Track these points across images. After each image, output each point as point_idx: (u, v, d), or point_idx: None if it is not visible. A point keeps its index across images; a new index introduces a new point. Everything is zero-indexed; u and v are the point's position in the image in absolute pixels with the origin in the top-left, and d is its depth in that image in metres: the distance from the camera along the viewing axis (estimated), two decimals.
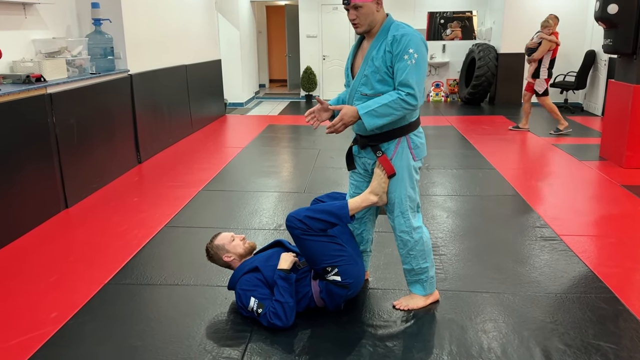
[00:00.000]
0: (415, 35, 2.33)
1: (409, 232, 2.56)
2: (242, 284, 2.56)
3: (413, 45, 2.30)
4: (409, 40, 2.30)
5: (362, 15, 2.38)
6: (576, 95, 9.64)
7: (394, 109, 2.32)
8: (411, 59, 2.29)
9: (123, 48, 5.33)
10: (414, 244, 2.57)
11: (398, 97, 2.31)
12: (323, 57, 11.25)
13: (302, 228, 2.44)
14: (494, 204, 4.34)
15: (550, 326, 2.53)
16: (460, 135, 7.18)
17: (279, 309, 2.45)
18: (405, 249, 2.60)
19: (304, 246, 2.49)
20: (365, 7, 2.37)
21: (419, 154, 2.53)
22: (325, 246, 2.47)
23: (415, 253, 2.59)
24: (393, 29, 2.37)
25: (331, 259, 2.48)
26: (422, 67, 2.33)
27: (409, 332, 2.50)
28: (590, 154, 5.97)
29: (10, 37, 4.16)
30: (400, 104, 2.32)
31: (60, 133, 4.15)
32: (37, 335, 2.47)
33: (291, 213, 2.50)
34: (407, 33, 2.32)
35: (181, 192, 4.66)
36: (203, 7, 7.97)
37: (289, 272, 2.54)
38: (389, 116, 2.34)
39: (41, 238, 3.67)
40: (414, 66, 2.30)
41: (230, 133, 7.79)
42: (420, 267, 2.62)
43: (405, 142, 2.48)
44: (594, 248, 3.46)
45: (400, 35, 2.31)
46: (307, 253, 2.50)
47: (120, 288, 2.95)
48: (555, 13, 9.56)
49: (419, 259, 2.61)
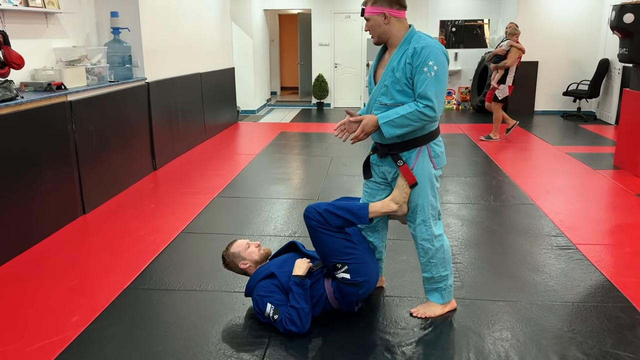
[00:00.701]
0: (436, 47, 2.36)
1: (430, 240, 2.58)
2: (259, 291, 2.59)
3: (433, 57, 2.33)
4: (429, 52, 2.33)
5: (371, 27, 2.48)
6: (589, 104, 9.60)
7: (411, 120, 2.36)
8: (430, 71, 2.32)
9: (141, 56, 5.41)
10: (435, 251, 2.59)
11: (416, 109, 2.35)
12: (335, 65, 11.31)
13: (319, 220, 2.49)
14: (509, 212, 4.34)
15: (568, 335, 2.53)
16: (472, 143, 7.18)
17: (294, 315, 2.48)
18: (426, 257, 2.62)
19: (317, 239, 2.53)
20: (372, 20, 2.45)
21: (439, 163, 2.56)
22: (338, 242, 2.51)
23: (436, 261, 2.61)
24: (414, 40, 2.40)
25: (342, 256, 2.52)
26: (441, 79, 2.36)
27: (427, 339, 2.52)
28: (605, 163, 5.95)
29: (33, 45, 4.25)
30: (419, 116, 2.36)
31: (79, 140, 4.22)
32: (58, 339, 2.52)
33: (311, 204, 2.56)
34: (428, 45, 2.35)
35: (196, 199, 4.70)
36: (218, 16, 8.07)
37: (304, 278, 2.56)
38: (407, 127, 2.38)
39: (60, 243, 3.73)
40: (433, 78, 2.33)
41: (243, 140, 7.85)
42: (440, 275, 2.64)
43: (425, 151, 2.51)
44: (610, 257, 3.45)
45: (420, 48, 2.35)
46: (320, 246, 2.55)
47: (140, 293, 2.99)
48: (569, 21, 9.61)
49: (439, 267, 2.62)
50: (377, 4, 2.42)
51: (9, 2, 3.90)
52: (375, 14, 2.42)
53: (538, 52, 9.77)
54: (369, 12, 2.45)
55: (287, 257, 2.72)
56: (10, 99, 3.49)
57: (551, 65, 9.80)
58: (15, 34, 3.91)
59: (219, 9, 8.11)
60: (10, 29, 3.87)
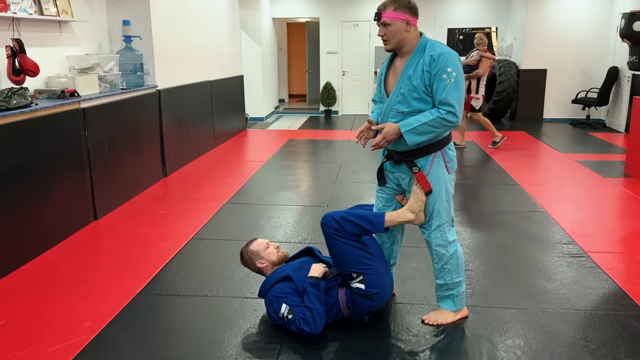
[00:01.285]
0: (453, 54, 2.39)
1: (444, 245, 2.59)
2: (275, 292, 2.60)
3: (451, 64, 2.35)
4: (446, 59, 2.35)
5: (390, 33, 2.45)
6: (598, 112, 9.57)
7: (434, 127, 2.38)
8: (450, 78, 2.34)
9: (152, 64, 5.47)
10: (449, 257, 2.59)
11: (438, 116, 2.37)
12: (343, 72, 11.35)
13: (335, 228, 2.49)
14: (519, 219, 4.33)
15: (581, 343, 2.52)
16: (481, 150, 7.17)
17: (307, 315, 2.48)
18: (440, 263, 2.62)
19: (333, 247, 2.53)
20: (393, 26, 2.43)
21: (452, 167, 2.58)
22: (354, 251, 2.51)
23: (449, 267, 2.61)
24: (429, 48, 2.41)
25: (358, 266, 2.52)
26: (460, 85, 2.38)
27: (439, 346, 2.51)
28: (615, 171, 5.92)
29: (47, 53, 4.30)
30: (441, 122, 2.37)
31: (91, 146, 4.26)
32: (72, 343, 2.53)
33: (328, 212, 2.57)
34: (444, 52, 2.37)
35: (206, 205, 4.73)
36: (227, 24, 8.13)
37: (319, 280, 2.57)
38: (429, 133, 2.40)
39: (72, 249, 3.76)
40: (453, 85, 2.35)
41: (252, 147, 7.89)
42: (453, 282, 2.63)
43: (440, 157, 2.52)
44: (622, 265, 3.43)
45: (437, 55, 2.36)
46: (336, 254, 2.55)
47: (151, 298, 3.01)
48: (577, 29, 9.60)
49: (452, 274, 2.62)
50: (400, 10, 2.41)
51: (24, 11, 3.96)
52: (399, 19, 2.42)
53: (546, 59, 9.78)
54: (391, 17, 2.42)
55: (303, 261, 2.74)
56: (25, 105, 3.54)
57: (560, 73, 9.79)
58: (29, 42, 3.97)
59: (228, 17, 8.18)
60: (25, 37, 3.93)
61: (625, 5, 8.58)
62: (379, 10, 2.45)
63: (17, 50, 3.77)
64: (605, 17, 9.41)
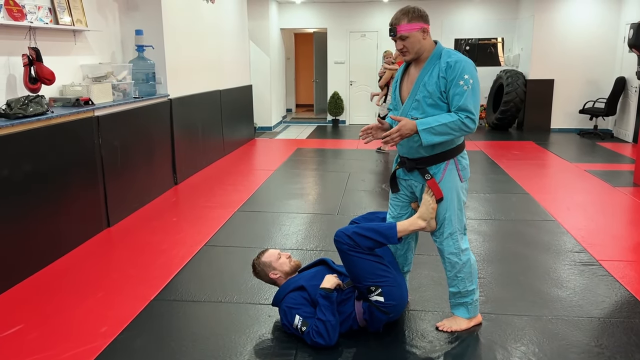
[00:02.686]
0: (468, 62, 2.42)
1: (457, 253, 2.60)
2: (288, 302, 2.61)
3: (468, 71, 2.38)
4: (463, 66, 2.38)
5: (410, 44, 2.47)
6: (606, 122, 9.58)
7: (452, 129, 2.40)
8: (467, 84, 2.37)
9: (164, 73, 5.53)
10: (462, 265, 2.60)
11: (458, 119, 2.39)
12: (350, 82, 11.42)
13: (349, 244, 2.50)
14: (530, 228, 4.34)
15: (596, 350, 2.52)
16: (490, 160, 7.19)
17: (321, 327, 2.49)
18: (453, 271, 2.63)
19: (349, 262, 2.54)
20: (411, 37, 2.46)
21: (465, 175, 2.59)
22: (371, 265, 2.52)
23: (462, 275, 2.62)
24: (445, 55, 2.45)
25: (376, 279, 2.53)
26: (477, 92, 2.41)
27: (454, 353, 2.52)
28: (624, 180, 5.92)
29: (61, 62, 4.37)
30: (460, 126, 2.40)
31: (105, 154, 4.31)
32: (89, 348, 2.56)
33: (340, 229, 2.58)
34: (460, 59, 2.41)
35: (217, 213, 4.76)
36: (237, 35, 8.22)
37: (331, 292, 2.58)
38: (446, 135, 2.41)
39: (86, 256, 3.79)
40: (470, 91, 2.38)
41: (261, 156, 7.93)
42: (466, 290, 2.64)
43: (453, 165, 2.54)
44: (634, 273, 3.43)
45: (454, 62, 2.39)
46: (353, 270, 2.55)
47: (166, 304, 3.03)
48: (585, 39, 9.65)
49: (465, 282, 2.63)
50: (415, 21, 2.45)
51: (41, 20, 4.03)
52: (415, 30, 2.45)
53: (554, 70, 9.81)
54: (407, 30, 2.44)
55: (317, 271, 2.75)
56: (41, 113, 3.59)
57: (567, 83, 9.82)
58: (45, 51, 4.03)
59: (238, 28, 8.26)
60: (40, 45, 3.99)
61: (633, 16, 8.62)
62: (394, 26, 2.47)
63: (33, 59, 3.83)
64: (612, 27, 9.44)
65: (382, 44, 11.04)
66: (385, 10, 10.89)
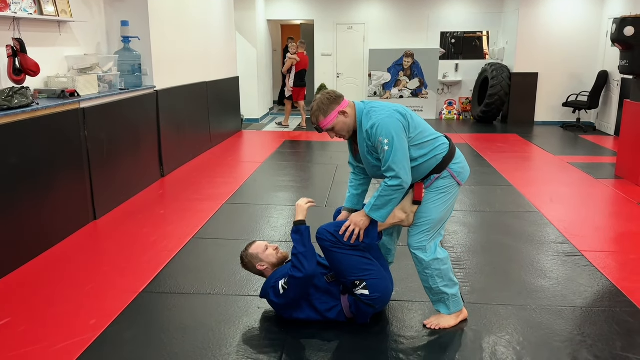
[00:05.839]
0: (383, 122, 2.40)
1: (423, 249, 2.59)
2: (271, 284, 2.66)
3: (382, 133, 2.39)
4: (377, 131, 2.40)
5: (339, 130, 2.54)
6: (588, 115, 9.72)
7: (387, 196, 2.43)
8: (384, 146, 2.39)
9: (150, 65, 5.49)
10: (430, 262, 2.59)
11: (385, 186, 2.42)
12: (337, 75, 11.42)
13: (331, 240, 2.54)
14: (514, 220, 4.41)
15: (579, 338, 2.58)
16: (475, 152, 7.26)
17: (295, 261, 2.54)
18: (421, 267, 2.63)
19: (332, 259, 2.57)
20: (337, 125, 2.52)
21: (463, 178, 2.62)
22: (354, 260, 2.55)
23: (430, 272, 2.61)
24: (365, 122, 2.47)
25: (360, 273, 2.56)
26: (397, 147, 2.38)
27: (440, 343, 2.57)
28: (606, 173, 6.03)
29: (46, 53, 4.32)
30: (389, 191, 2.42)
31: (91, 146, 4.27)
32: (79, 340, 2.56)
33: (322, 226, 2.60)
34: (375, 123, 2.42)
35: (205, 205, 4.76)
36: (223, 26, 8.17)
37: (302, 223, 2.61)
38: (389, 203, 2.45)
39: (73, 248, 3.78)
40: (389, 151, 2.38)
41: (248, 148, 7.92)
42: (438, 287, 2.64)
43: (446, 174, 2.55)
44: (615, 264, 3.51)
45: (370, 128, 2.43)
46: (336, 266, 2.59)
47: (155, 297, 3.04)
48: (568, 33, 9.76)
49: (436, 279, 2.62)
50: (329, 112, 2.49)
51: (25, 11, 3.97)
52: (334, 118, 2.49)
53: (538, 63, 9.92)
54: (329, 122, 2.49)
55: None
56: (26, 105, 3.55)
57: (551, 76, 9.94)
58: (29, 42, 3.98)
59: (224, 19, 8.21)
60: (24, 36, 3.94)
61: (615, 11, 8.73)
62: (317, 124, 2.53)
63: (17, 50, 3.78)
64: (595, 22, 9.57)
65: (369, 36, 11.06)
66: (372, 2, 10.90)
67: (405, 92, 10.67)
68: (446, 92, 11.14)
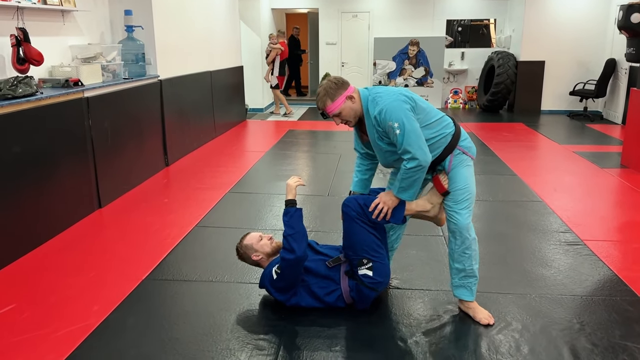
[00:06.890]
0: (389, 105, 2.40)
1: (469, 228, 2.60)
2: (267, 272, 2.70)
3: (390, 117, 2.38)
4: (385, 115, 2.40)
5: (346, 115, 2.52)
6: (596, 104, 9.64)
7: (410, 177, 2.44)
8: (396, 130, 2.38)
9: (153, 54, 5.50)
10: (472, 242, 2.60)
11: (405, 169, 2.42)
12: (342, 63, 11.38)
13: (358, 212, 2.56)
14: (517, 209, 4.40)
15: (578, 327, 2.59)
16: (480, 141, 7.23)
17: (284, 243, 2.56)
18: (462, 247, 2.60)
19: (350, 230, 2.58)
20: (343, 110, 2.50)
21: (473, 153, 2.65)
22: (370, 238, 2.58)
23: (470, 252, 2.61)
24: (371, 108, 2.46)
25: (371, 252, 2.59)
26: (409, 129, 2.37)
27: (440, 330, 2.58)
28: (611, 162, 5.99)
29: (50, 42, 4.33)
30: (410, 173, 2.42)
31: (95, 135, 4.30)
32: (82, 326, 2.60)
33: (352, 196, 2.65)
34: (382, 109, 2.41)
35: (208, 194, 4.78)
36: (227, 15, 8.15)
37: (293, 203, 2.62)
38: (413, 184, 2.46)
39: (78, 236, 3.82)
40: (402, 134, 2.37)
41: (252, 138, 7.93)
42: (472, 269, 2.64)
43: (458, 151, 2.57)
44: (617, 253, 3.51)
45: (378, 114, 2.42)
46: (351, 237, 2.60)
47: (158, 284, 3.07)
48: (575, 21, 9.64)
49: (472, 260, 2.62)
50: (337, 97, 2.47)
51: (28, 0, 3.98)
52: (342, 103, 2.48)
53: (544, 51, 9.82)
54: (337, 106, 2.47)
55: None
56: (30, 94, 3.58)
57: (558, 64, 9.85)
58: (33, 31, 4.00)
59: (228, 8, 8.19)
60: (28, 26, 3.96)
61: None
62: (322, 109, 2.51)
63: (21, 39, 3.80)
64: (603, 9, 9.45)
65: (373, 24, 10.99)
66: None
67: (410, 80, 10.62)
68: (452, 80, 11.07)
